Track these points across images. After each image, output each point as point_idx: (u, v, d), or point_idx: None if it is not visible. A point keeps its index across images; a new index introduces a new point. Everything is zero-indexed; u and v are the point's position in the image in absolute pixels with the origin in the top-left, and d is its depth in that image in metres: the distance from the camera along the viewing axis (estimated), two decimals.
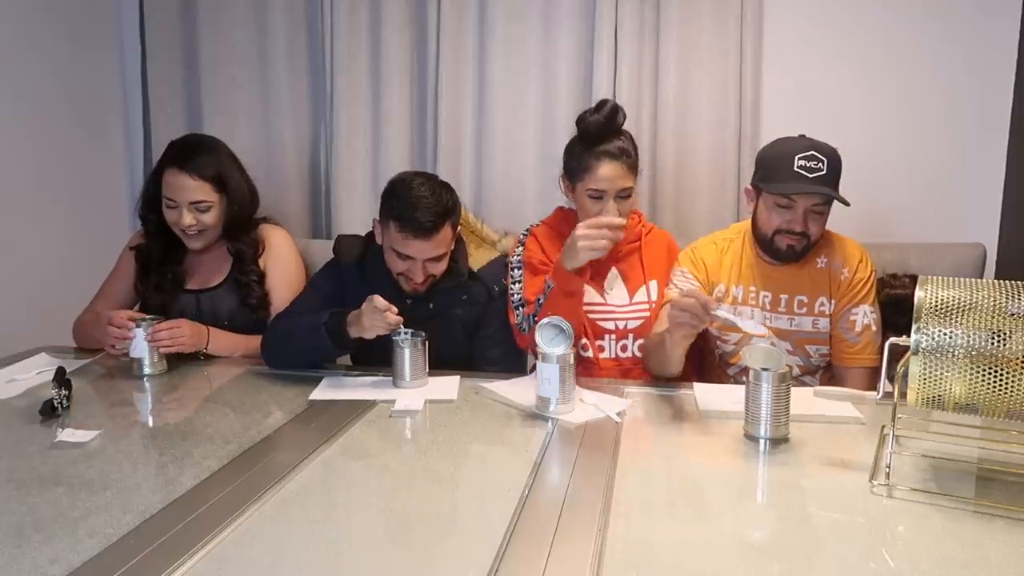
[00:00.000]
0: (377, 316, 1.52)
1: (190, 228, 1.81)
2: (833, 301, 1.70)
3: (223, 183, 1.83)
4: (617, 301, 1.82)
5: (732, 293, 1.74)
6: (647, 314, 1.80)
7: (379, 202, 2.64)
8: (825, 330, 1.71)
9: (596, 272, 1.80)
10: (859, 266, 1.70)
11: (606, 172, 1.69)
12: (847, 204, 1.57)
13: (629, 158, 1.71)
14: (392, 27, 2.40)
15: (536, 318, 1.61)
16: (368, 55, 2.45)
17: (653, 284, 1.83)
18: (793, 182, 1.58)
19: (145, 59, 2.57)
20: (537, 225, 1.90)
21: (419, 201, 1.63)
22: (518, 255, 1.84)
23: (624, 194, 1.72)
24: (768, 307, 1.72)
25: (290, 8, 2.49)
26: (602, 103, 1.73)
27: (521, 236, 1.90)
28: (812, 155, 1.58)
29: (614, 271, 1.83)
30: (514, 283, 1.82)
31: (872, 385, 1.66)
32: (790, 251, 1.65)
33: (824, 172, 1.57)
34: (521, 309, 1.75)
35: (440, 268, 1.72)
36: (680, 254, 1.84)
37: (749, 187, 1.72)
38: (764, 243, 1.69)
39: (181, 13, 2.54)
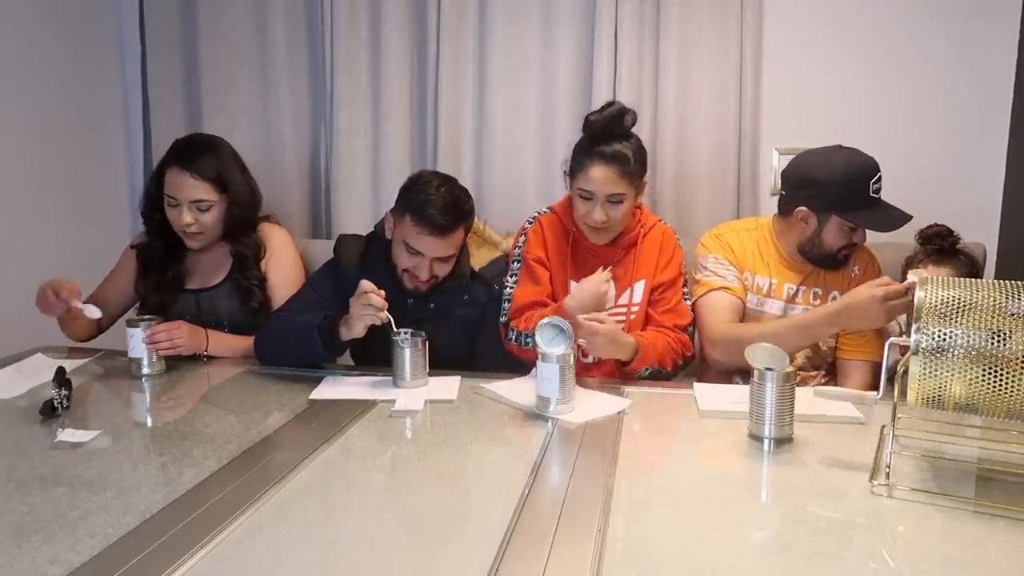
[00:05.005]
0: (362, 299, 1.53)
1: (189, 227, 1.81)
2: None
3: (224, 184, 1.83)
4: None
5: (757, 283, 1.78)
6: (623, 318, 1.75)
7: (379, 200, 2.64)
8: None
9: (586, 273, 1.73)
10: (868, 266, 1.80)
11: (596, 174, 1.67)
12: (911, 217, 1.68)
13: (625, 164, 1.67)
14: (392, 25, 2.40)
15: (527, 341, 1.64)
16: (368, 53, 2.45)
17: (639, 285, 1.78)
18: (872, 209, 1.65)
19: (145, 59, 2.57)
20: (545, 212, 1.85)
21: (438, 199, 1.64)
22: (519, 247, 1.82)
23: (615, 199, 1.69)
24: (787, 298, 1.77)
25: (290, 7, 2.49)
26: (608, 104, 1.71)
27: (526, 224, 1.85)
28: (879, 176, 1.64)
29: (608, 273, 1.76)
30: (511, 276, 1.79)
31: (872, 380, 1.71)
32: (846, 259, 1.74)
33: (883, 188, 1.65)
34: (509, 318, 1.74)
35: (445, 269, 1.73)
36: (705, 241, 1.84)
37: (805, 209, 1.69)
38: (827, 259, 1.73)
39: (181, 13, 2.53)
